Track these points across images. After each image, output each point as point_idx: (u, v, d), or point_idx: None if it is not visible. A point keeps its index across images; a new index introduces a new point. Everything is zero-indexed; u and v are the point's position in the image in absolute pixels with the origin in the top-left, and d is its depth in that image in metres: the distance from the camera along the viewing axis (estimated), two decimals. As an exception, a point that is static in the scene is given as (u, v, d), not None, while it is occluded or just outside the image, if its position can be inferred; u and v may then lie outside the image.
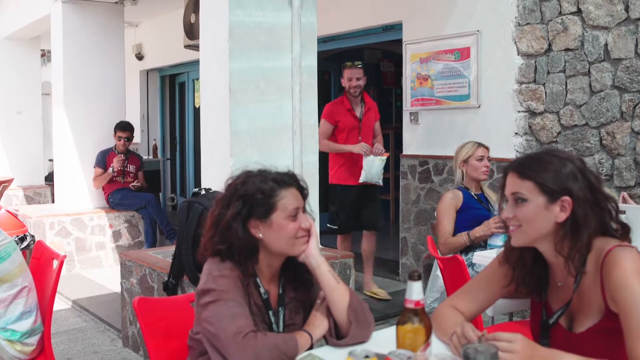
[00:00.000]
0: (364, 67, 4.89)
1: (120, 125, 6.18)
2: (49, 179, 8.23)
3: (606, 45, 3.95)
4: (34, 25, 7.20)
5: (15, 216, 5.04)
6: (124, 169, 6.28)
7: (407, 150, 5.35)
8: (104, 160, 6.13)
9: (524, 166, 1.58)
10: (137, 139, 9.15)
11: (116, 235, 6.19)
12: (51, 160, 8.09)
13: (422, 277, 1.46)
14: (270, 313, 1.77)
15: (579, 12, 4.08)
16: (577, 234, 1.53)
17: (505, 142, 4.52)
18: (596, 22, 3.98)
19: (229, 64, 3.42)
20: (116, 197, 6.17)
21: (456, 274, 2.84)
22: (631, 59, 3.83)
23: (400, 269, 5.44)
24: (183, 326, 1.95)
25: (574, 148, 4.13)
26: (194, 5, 4.70)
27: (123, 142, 6.13)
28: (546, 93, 4.30)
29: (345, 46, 6.44)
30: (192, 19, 4.76)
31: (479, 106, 4.76)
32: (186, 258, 3.15)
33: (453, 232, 3.61)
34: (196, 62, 4.13)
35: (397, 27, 5.48)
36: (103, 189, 6.22)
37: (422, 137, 5.21)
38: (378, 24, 5.67)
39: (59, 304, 4.73)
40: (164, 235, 6.28)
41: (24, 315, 2.42)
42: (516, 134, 4.50)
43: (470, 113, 4.83)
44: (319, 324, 1.74)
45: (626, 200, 3.25)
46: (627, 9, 3.84)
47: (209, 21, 3.65)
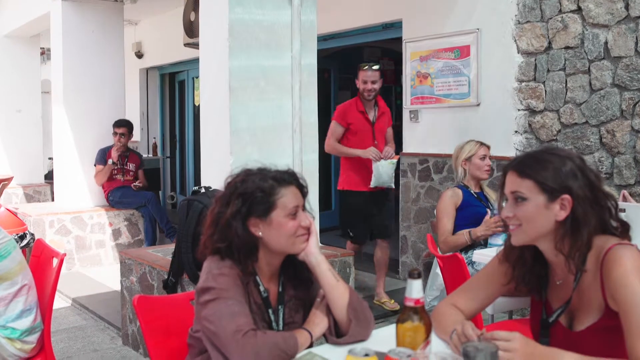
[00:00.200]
0: (381, 70, 4.57)
1: (115, 122, 6.19)
2: (49, 177, 8.23)
3: (606, 43, 3.94)
4: (33, 23, 7.19)
5: (15, 214, 5.04)
6: (124, 167, 6.28)
7: (407, 148, 5.34)
8: (104, 157, 6.13)
9: (523, 165, 1.58)
10: (137, 137, 9.15)
11: (116, 234, 6.19)
12: (51, 158, 8.08)
13: (422, 275, 1.46)
14: (270, 311, 1.77)
15: (579, 10, 4.08)
16: (577, 232, 1.53)
17: (505, 140, 4.52)
18: (596, 20, 3.97)
19: (229, 62, 3.41)
20: (116, 195, 6.18)
21: (456, 272, 2.84)
22: (631, 57, 3.83)
23: (400, 267, 5.45)
24: (183, 324, 1.96)
25: (574, 146, 4.13)
26: (193, 3, 4.69)
27: (119, 138, 6.13)
28: (546, 91, 4.30)
29: (345, 44, 6.43)
30: (192, 17, 4.75)
31: (478, 104, 4.75)
32: (186, 256, 3.15)
33: (453, 230, 3.61)
34: (196, 60, 4.12)
35: (397, 25, 5.48)
36: (103, 187, 6.23)
37: (422, 135, 5.21)
38: (378, 22, 5.67)
39: (59, 302, 4.74)
40: (164, 233, 6.29)
41: (23, 314, 2.42)
42: (516, 132, 4.50)
43: (470, 111, 4.83)
44: (318, 322, 1.74)
45: (626, 199, 3.25)
46: (627, 7, 3.83)
47: (209, 19, 3.65)
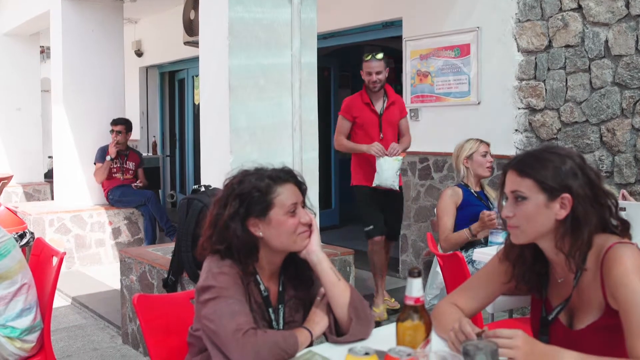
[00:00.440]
0: (385, 58, 4.38)
1: (113, 120, 6.19)
2: (49, 175, 8.22)
3: (607, 41, 3.94)
4: (33, 21, 7.19)
5: (14, 213, 5.03)
6: (123, 165, 6.28)
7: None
8: (103, 155, 6.13)
9: (523, 164, 1.58)
10: (137, 135, 9.14)
11: (116, 232, 6.19)
12: (50, 157, 8.08)
13: (422, 274, 1.46)
14: (270, 310, 1.77)
15: (579, 8, 4.07)
16: (577, 231, 1.53)
17: (506, 138, 4.51)
18: (597, 18, 3.97)
19: (229, 61, 3.41)
20: (116, 194, 6.18)
21: (456, 271, 2.84)
22: (632, 55, 3.82)
23: (400, 266, 5.44)
24: (183, 323, 1.95)
25: (574, 145, 4.13)
26: (193, 2, 4.69)
27: (115, 135, 6.13)
28: (546, 90, 4.30)
29: (345, 43, 6.43)
30: (192, 16, 4.75)
31: (479, 103, 4.75)
32: (186, 255, 3.15)
33: (454, 229, 3.60)
34: (196, 59, 4.12)
35: (397, 24, 5.47)
36: (103, 185, 6.22)
37: (422, 133, 5.20)
38: (378, 20, 5.67)
39: (59, 301, 4.74)
40: (164, 232, 6.28)
41: (23, 312, 2.42)
42: (516, 130, 4.50)
43: (470, 110, 4.82)
44: (319, 320, 1.74)
45: (626, 198, 3.25)
46: (627, 5, 3.83)
47: (209, 18, 3.64)
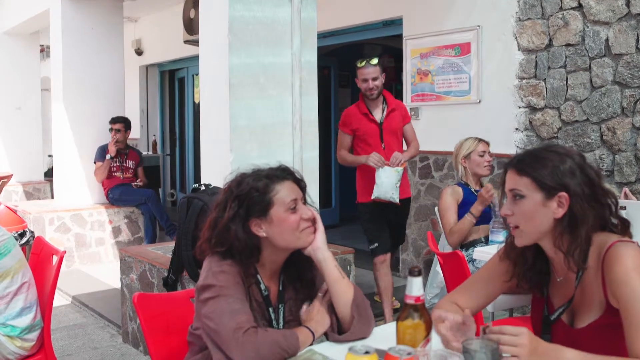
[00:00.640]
0: (381, 63, 4.19)
1: (112, 118, 6.20)
2: (49, 174, 8.23)
3: (607, 40, 3.94)
4: (33, 20, 7.18)
5: (14, 212, 5.03)
6: (123, 164, 6.28)
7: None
8: (103, 154, 6.13)
9: (522, 163, 1.58)
10: (137, 134, 9.14)
11: (116, 231, 6.19)
12: (50, 156, 8.08)
13: (422, 272, 1.46)
14: (270, 310, 1.76)
15: (579, 7, 4.07)
16: (575, 229, 1.53)
17: (506, 137, 4.51)
18: (597, 17, 3.97)
19: (229, 59, 3.41)
20: (116, 193, 6.18)
21: (456, 269, 2.84)
22: (632, 54, 3.82)
23: (401, 264, 5.44)
24: (183, 322, 1.95)
25: (574, 144, 4.12)
26: (193, 0, 4.69)
27: (114, 133, 6.13)
28: (547, 88, 4.29)
29: (345, 41, 6.42)
30: (192, 14, 4.75)
31: (479, 102, 4.75)
32: (186, 254, 3.15)
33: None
34: (196, 58, 4.12)
35: (397, 22, 5.47)
36: (103, 184, 6.22)
37: (423, 132, 5.18)
38: (378, 19, 5.66)
39: (59, 299, 4.73)
40: (164, 231, 6.28)
41: (23, 311, 2.42)
42: (517, 129, 4.50)
43: (470, 108, 4.82)
44: (320, 319, 1.74)
45: (628, 196, 3.25)
46: (628, 4, 3.82)
47: (209, 16, 3.64)
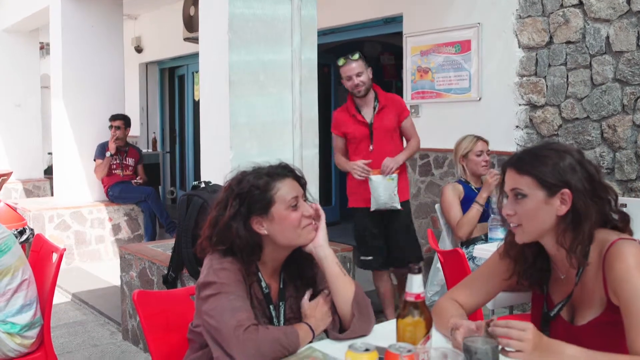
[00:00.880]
0: (364, 57, 3.88)
1: (111, 116, 6.19)
2: (48, 172, 8.22)
3: (608, 38, 3.93)
4: (32, 17, 7.17)
5: (14, 209, 5.03)
6: (123, 162, 6.28)
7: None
8: (103, 152, 6.13)
9: (522, 161, 1.58)
10: (137, 132, 9.13)
11: (116, 229, 6.19)
12: (50, 153, 8.07)
13: (423, 270, 1.46)
14: (271, 307, 1.76)
15: (580, 4, 4.06)
16: (578, 225, 1.53)
17: (506, 135, 4.50)
18: (598, 14, 3.96)
19: (229, 57, 3.40)
20: (115, 191, 6.17)
21: (457, 267, 2.83)
22: (633, 51, 3.81)
23: (400, 262, 5.43)
24: (183, 319, 1.95)
25: (575, 141, 4.12)
26: (193, -2, 4.68)
27: (114, 130, 6.12)
28: (547, 86, 4.29)
29: (345, 39, 6.42)
30: (192, 12, 4.74)
31: (479, 99, 4.74)
32: (186, 251, 3.15)
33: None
34: (196, 55, 4.11)
35: (397, 20, 5.46)
36: (102, 182, 6.22)
37: (423, 130, 5.16)
38: (378, 16, 5.65)
39: (59, 297, 4.73)
40: (164, 228, 6.28)
41: (23, 308, 2.42)
42: (517, 127, 4.49)
43: (471, 106, 4.81)
44: (321, 317, 1.73)
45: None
46: (629, 1, 3.82)
47: (209, 13, 3.63)
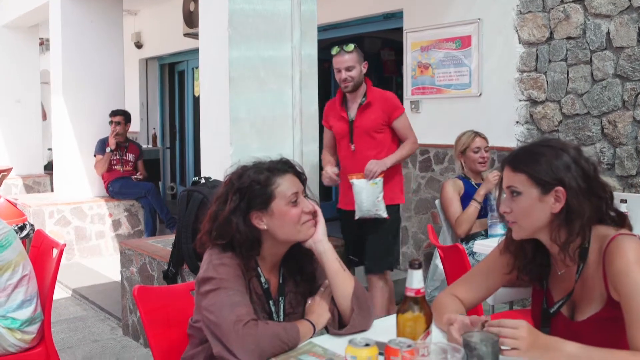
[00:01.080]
0: (360, 50, 3.58)
1: (112, 111, 6.19)
2: (48, 167, 8.22)
3: (608, 33, 3.92)
4: (32, 13, 7.16)
5: (14, 205, 5.03)
6: (123, 157, 6.27)
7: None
8: (103, 147, 6.13)
9: (517, 159, 1.59)
10: (137, 127, 9.12)
11: (116, 224, 6.19)
12: (50, 149, 8.07)
13: (423, 265, 1.46)
14: (271, 302, 1.76)
15: (580, 0, 4.05)
16: (572, 223, 1.53)
17: (506, 131, 4.50)
18: (598, 10, 3.95)
19: (229, 53, 3.40)
20: (116, 186, 6.17)
21: (457, 262, 2.84)
22: (633, 47, 3.80)
23: (401, 257, 5.44)
24: (183, 314, 1.95)
25: (575, 137, 4.12)
26: (193, -7, 4.67)
27: (114, 126, 6.12)
28: (547, 82, 4.28)
29: (345, 34, 6.40)
30: (192, 7, 4.73)
31: (480, 95, 4.73)
32: (186, 247, 3.15)
33: None
34: (196, 51, 4.10)
35: (397, 15, 5.45)
36: (102, 177, 6.22)
37: (423, 125, 5.18)
38: (378, 12, 5.64)
39: (59, 292, 4.74)
40: (164, 224, 6.28)
41: (24, 304, 2.43)
42: (517, 122, 4.49)
43: (471, 102, 4.81)
44: (321, 313, 1.74)
45: None
46: (629, -4, 3.81)
47: (209, 9, 3.63)
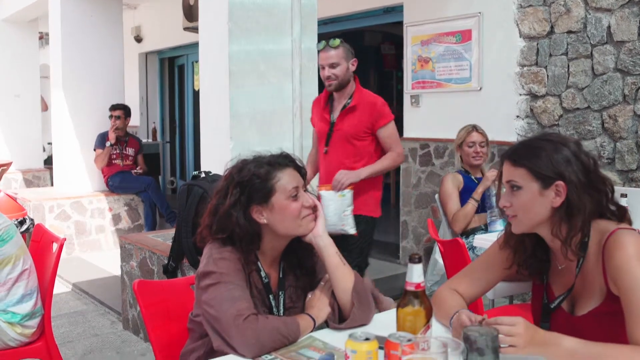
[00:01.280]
0: (348, 46, 3.31)
1: (111, 105, 6.18)
2: (48, 162, 8.21)
3: (609, 27, 3.91)
4: (31, 7, 7.14)
5: (14, 200, 5.03)
6: (123, 152, 6.27)
7: (407, 133, 5.32)
8: (103, 141, 6.12)
9: (517, 154, 1.58)
10: (137, 122, 9.12)
11: (116, 219, 6.19)
12: (50, 143, 8.07)
13: (423, 260, 1.46)
14: (271, 297, 1.77)
15: (582, -7, 4.04)
16: (572, 217, 1.53)
17: (507, 125, 4.49)
18: (599, 4, 3.94)
19: (229, 47, 3.39)
20: (116, 181, 6.17)
21: (457, 257, 2.84)
22: (634, 41, 3.79)
23: (401, 252, 5.45)
24: (183, 309, 1.95)
25: (575, 131, 4.11)
26: (193, -13, 4.65)
27: (114, 120, 6.11)
28: (548, 76, 4.27)
29: (345, 28, 6.38)
30: (192, 1, 4.71)
31: (480, 89, 4.73)
32: (186, 241, 3.15)
33: None
34: (196, 45, 4.09)
35: (398, 9, 5.43)
36: (102, 172, 6.22)
37: (423, 120, 5.19)
38: (379, 5, 5.62)
39: (59, 287, 4.74)
40: (164, 218, 6.29)
41: (24, 298, 2.43)
42: (517, 117, 4.48)
43: (471, 96, 4.80)
44: (322, 307, 1.74)
45: None
46: (630, -10, 3.80)
47: (209, 3, 3.61)
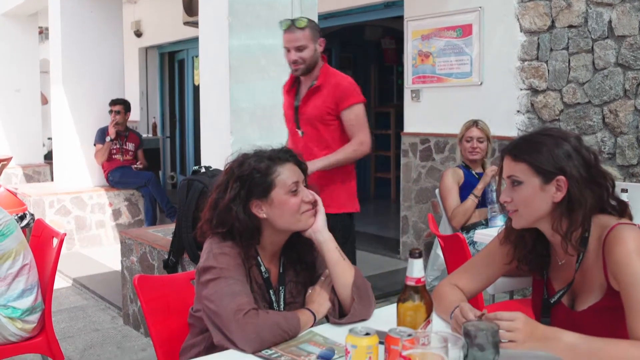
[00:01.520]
0: (315, 26, 3.05)
1: (111, 100, 6.17)
2: (48, 157, 8.21)
3: (610, 22, 3.90)
4: (31, 1, 7.12)
5: (14, 195, 5.03)
6: (123, 147, 6.26)
7: (408, 128, 5.32)
8: (103, 136, 6.11)
9: (517, 148, 1.58)
10: (137, 116, 9.11)
11: (116, 214, 6.19)
12: (50, 138, 8.06)
13: (423, 255, 1.46)
14: (271, 292, 1.77)
15: (583, -12, 4.03)
16: (573, 212, 1.53)
17: (507, 120, 4.49)
18: (600, -2, 3.93)
19: (229, 41, 3.38)
20: (116, 176, 6.17)
21: (457, 252, 2.84)
22: (635, 36, 3.78)
23: (401, 247, 5.45)
24: (183, 304, 1.95)
25: (576, 126, 4.10)
26: (192, -19, 4.64)
27: (114, 115, 6.11)
28: (549, 70, 4.26)
29: (346, 23, 6.37)
30: (191, -5, 4.71)
31: (481, 84, 4.72)
32: (186, 236, 3.15)
33: None
34: (196, 39, 4.08)
35: (398, 4, 5.42)
36: (103, 167, 6.21)
37: (424, 114, 5.18)
38: (379, 0, 5.61)
39: (60, 282, 4.75)
40: (164, 213, 6.28)
41: (25, 293, 2.43)
42: (518, 111, 4.47)
43: (472, 90, 4.79)
44: (322, 302, 1.74)
45: None
46: (632, -16, 3.78)
47: (208, -3, 3.60)
